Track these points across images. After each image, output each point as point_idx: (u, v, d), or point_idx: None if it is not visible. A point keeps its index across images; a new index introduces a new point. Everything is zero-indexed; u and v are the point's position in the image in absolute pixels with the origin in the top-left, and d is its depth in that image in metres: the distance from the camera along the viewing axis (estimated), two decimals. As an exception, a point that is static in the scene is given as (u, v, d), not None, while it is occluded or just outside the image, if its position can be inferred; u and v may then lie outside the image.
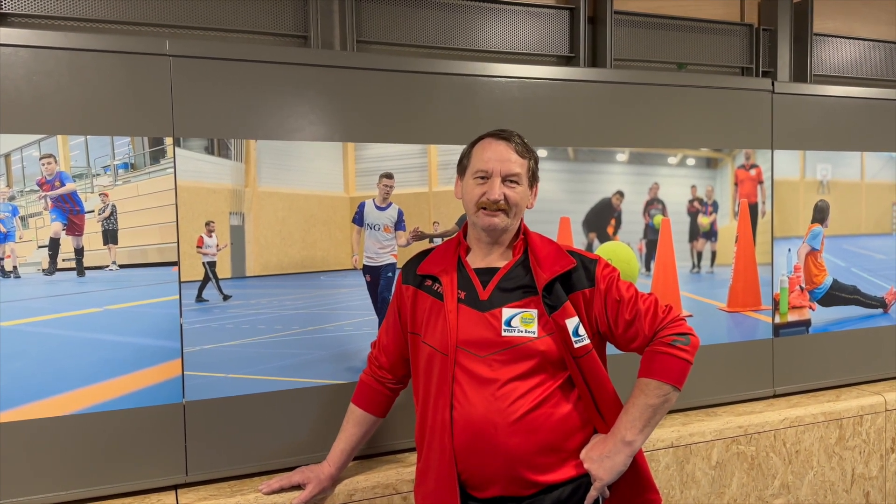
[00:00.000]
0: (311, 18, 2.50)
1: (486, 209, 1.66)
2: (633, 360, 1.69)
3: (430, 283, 1.74)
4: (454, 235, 1.80)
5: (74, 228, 1.92)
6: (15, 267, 1.87)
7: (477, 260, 1.73)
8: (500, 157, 1.67)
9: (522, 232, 1.75)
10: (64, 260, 1.91)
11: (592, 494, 1.64)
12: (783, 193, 2.84)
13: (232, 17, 2.42)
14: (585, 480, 1.66)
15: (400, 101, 2.21)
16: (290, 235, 2.12)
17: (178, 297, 1.99)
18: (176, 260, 1.99)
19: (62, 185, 1.90)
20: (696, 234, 2.70)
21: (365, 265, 2.21)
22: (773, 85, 2.78)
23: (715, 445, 2.55)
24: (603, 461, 1.62)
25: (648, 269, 2.63)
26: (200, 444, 2.02)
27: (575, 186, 2.48)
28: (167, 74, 1.94)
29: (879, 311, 3.08)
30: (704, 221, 2.71)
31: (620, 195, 2.56)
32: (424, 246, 2.22)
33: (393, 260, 2.24)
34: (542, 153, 2.40)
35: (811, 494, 2.75)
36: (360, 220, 2.20)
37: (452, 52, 2.75)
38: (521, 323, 1.64)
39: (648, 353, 1.66)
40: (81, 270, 1.92)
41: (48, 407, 1.87)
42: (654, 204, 2.62)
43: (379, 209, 2.22)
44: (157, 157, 1.96)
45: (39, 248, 1.89)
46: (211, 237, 2.03)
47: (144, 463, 1.96)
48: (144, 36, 2.30)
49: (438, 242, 2.17)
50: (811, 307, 2.92)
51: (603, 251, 2.52)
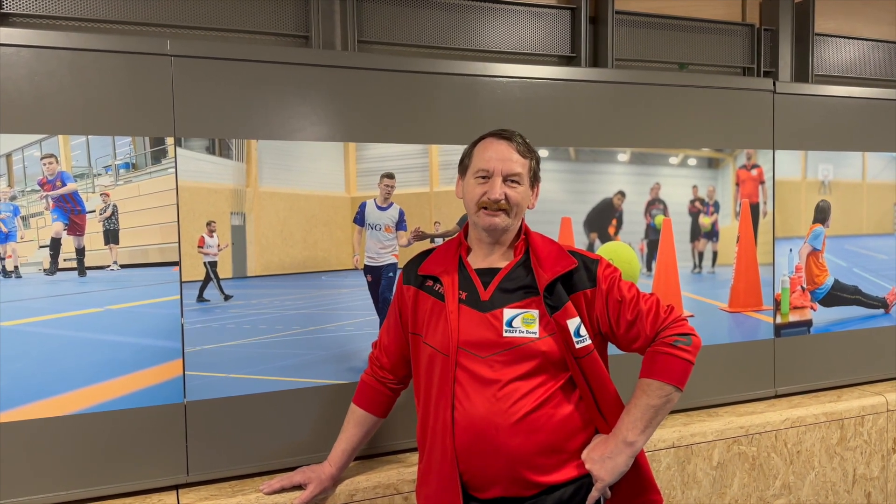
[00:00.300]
0: (312, 18, 2.49)
1: (486, 209, 1.66)
2: (634, 360, 1.69)
3: (431, 283, 1.73)
4: (455, 236, 1.80)
5: (76, 228, 1.92)
6: (16, 267, 1.87)
7: (478, 260, 1.73)
8: (501, 156, 1.66)
9: (524, 232, 1.74)
10: (65, 260, 1.91)
11: (594, 495, 1.64)
12: (785, 193, 2.84)
13: (233, 17, 2.42)
14: (587, 481, 1.65)
15: (401, 101, 2.21)
16: (291, 235, 2.12)
17: (179, 297, 1.99)
18: (177, 260, 1.99)
19: (63, 184, 1.90)
20: (697, 234, 2.70)
21: (366, 265, 2.21)
22: (774, 85, 2.77)
23: (716, 446, 2.55)
24: (604, 462, 1.62)
25: (650, 269, 2.63)
26: (201, 444, 2.02)
27: (576, 186, 2.48)
28: (168, 74, 1.94)
29: (881, 311, 3.07)
30: (706, 221, 2.71)
31: (622, 195, 2.56)
32: (425, 246, 2.22)
33: (394, 260, 2.24)
34: (543, 153, 2.40)
35: (812, 495, 2.75)
36: (361, 220, 2.20)
37: (454, 52, 2.74)
38: (522, 323, 1.64)
39: (650, 353, 1.66)
40: (82, 270, 1.92)
41: (49, 407, 1.87)
42: (655, 204, 2.62)
43: (380, 209, 2.22)
44: (158, 156, 1.96)
45: (41, 247, 1.89)
46: (212, 237, 2.03)
47: (145, 463, 1.96)
48: (146, 36, 2.30)
49: (439, 242, 2.17)
50: (812, 307, 2.92)
51: (604, 251, 2.51)
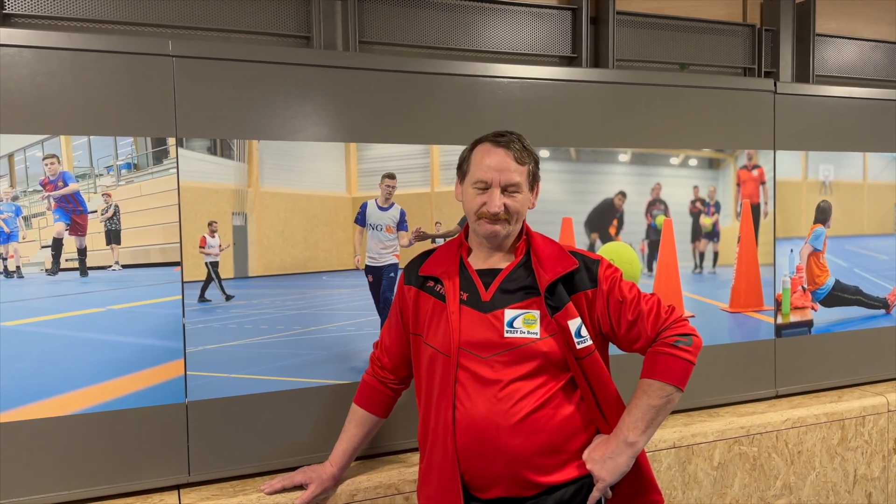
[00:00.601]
0: (313, 19, 2.50)
1: (486, 218, 1.66)
2: (635, 360, 1.69)
3: (432, 284, 1.73)
4: (456, 236, 1.80)
5: (77, 228, 1.92)
6: (18, 267, 1.87)
7: (479, 261, 1.73)
8: (499, 166, 1.64)
9: (525, 233, 1.74)
10: (67, 260, 1.91)
11: (595, 495, 1.64)
12: (785, 194, 2.84)
13: (234, 17, 2.42)
14: (588, 481, 1.65)
15: (402, 101, 2.21)
16: (292, 236, 2.12)
17: (180, 297, 1.99)
18: (179, 260, 1.99)
19: (65, 185, 1.90)
20: (698, 234, 2.70)
21: (367, 265, 2.22)
22: (775, 85, 2.77)
23: (717, 446, 2.55)
24: (605, 462, 1.62)
25: (650, 269, 2.63)
26: (203, 444, 2.02)
27: (577, 187, 2.48)
28: (170, 75, 1.94)
29: (882, 311, 3.07)
30: (707, 222, 2.71)
31: (623, 196, 2.56)
32: (427, 246, 2.22)
33: (395, 260, 2.24)
34: (544, 153, 2.40)
35: (813, 495, 2.75)
36: (362, 220, 2.20)
37: (455, 52, 2.75)
38: (523, 324, 1.64)
39: (651, 353, 1.66)
40: (84, 270, 1.93)
41: (50, 407, 1.87)
42: (656, 204, 2.62)
43: (381, 209, 2.22)
44: (159, 157, 1.96)
45: (42, 248, 1.89)
46: (214, 237, 2.03)
47: (147, 463, 1.97)
48: (147, 36, 2.30)
49: (440, 243, 2.17)
50: (813, 308, 2.92)
51: (605, 252, 2.51)
